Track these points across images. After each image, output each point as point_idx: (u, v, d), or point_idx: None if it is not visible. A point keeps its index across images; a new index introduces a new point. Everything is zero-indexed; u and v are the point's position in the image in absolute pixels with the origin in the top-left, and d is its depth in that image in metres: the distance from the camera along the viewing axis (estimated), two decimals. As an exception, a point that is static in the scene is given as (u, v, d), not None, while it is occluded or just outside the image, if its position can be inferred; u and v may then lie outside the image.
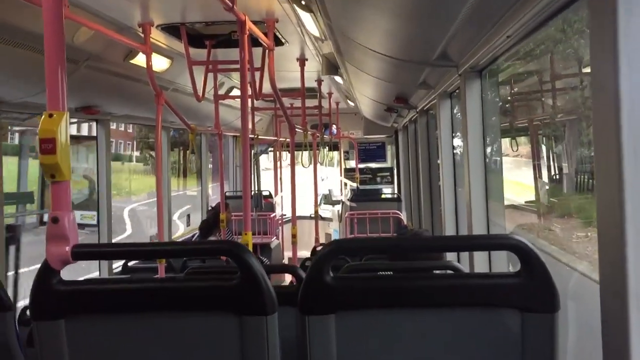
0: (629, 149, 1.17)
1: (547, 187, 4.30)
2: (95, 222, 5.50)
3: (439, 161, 5.20)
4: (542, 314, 1.40)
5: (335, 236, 10.77)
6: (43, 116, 1.44)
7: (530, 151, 4.55)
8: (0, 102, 4.05)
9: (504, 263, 3.22)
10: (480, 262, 3.11)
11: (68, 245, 1.44)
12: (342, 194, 10.83)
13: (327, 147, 9.80)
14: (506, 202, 3.55)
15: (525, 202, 4.80)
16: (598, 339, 1.37)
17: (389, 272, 2.77)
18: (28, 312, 3.30)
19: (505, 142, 4.04)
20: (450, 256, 3.91)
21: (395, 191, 10.49)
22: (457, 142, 4.35)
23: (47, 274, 1.45)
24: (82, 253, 1.44)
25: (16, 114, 5.29)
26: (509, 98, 4.47)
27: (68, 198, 1.45)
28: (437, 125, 4.29)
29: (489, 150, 3.24)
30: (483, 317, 1.44)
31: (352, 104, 8.91)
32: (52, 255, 1.43)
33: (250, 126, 9.17)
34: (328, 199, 12.52)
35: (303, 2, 3.36)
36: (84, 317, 1.47)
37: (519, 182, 4.83)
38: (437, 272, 2.69)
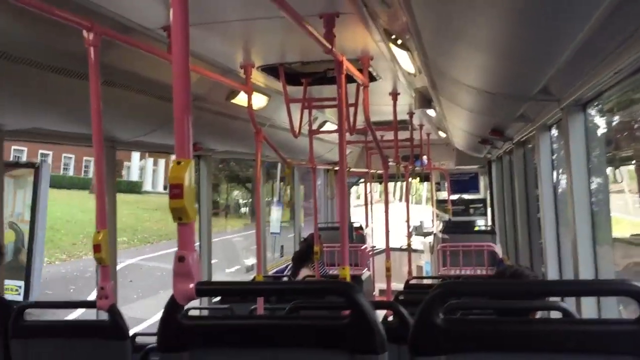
0: None
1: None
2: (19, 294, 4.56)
3: (537, 193, 5.05)
4: None
5: (426, 268, 10.61)
6: (172, 164, 1.57)
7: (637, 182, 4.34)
8: (115, 141, 4.38)
9: (613, 303, 3.07)
10: (587, 301, 2.99)
11: (192, 283, 1.54)
12: (433, 226, 10.69)
13: (417, 178, 9.75)
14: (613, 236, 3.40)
15: (632, 235, 4.55)
16: None
17: (490, 311, 2.72)
18: (137, 339, 3.49)
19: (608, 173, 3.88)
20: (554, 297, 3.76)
21: (489, 223, 10.22)
22: (557, 175, 4.23)
23: (173, 309, 1.56)
24: (205, 290, 1.54)
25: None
26: (612, 127, 4.30)
27: (193, 239, 1.57)
28: (536, 158, 4.19)
29: (593, 185, 3.13)
30: None
31: (443, 135, 8.84)
32: (179, 292, 1.54)
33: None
34: (419, 231, 12.38)
35: (399, 42, 3.43)
36: (206, 351, 1.57)
37: (622, 218, 4.60)
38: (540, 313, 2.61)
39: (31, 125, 3.53)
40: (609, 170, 3.83)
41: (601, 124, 3.54)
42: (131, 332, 2.71)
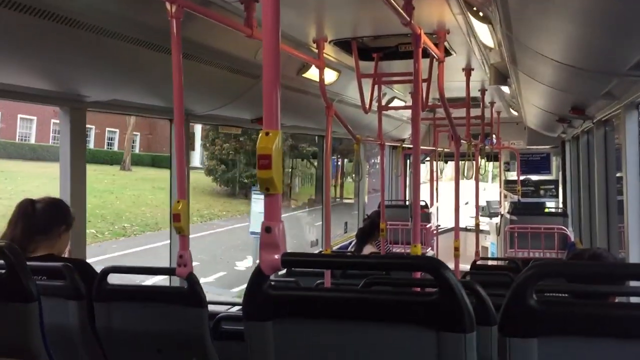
0: None
1: None
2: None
3: (618, 175, 4.82)
4: None
5: (492, 249, 10.40)
6: (260, 134, 1.57)
7: None
8: (189, 114, 4.46)
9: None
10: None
11: (278, 254, 1.55)
12: (501, 207, 10.44)
13: (486, 158, 9.51)
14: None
15: None
16: None
17: (565, 295, 2.62)
18: (209, 307, 3.57)
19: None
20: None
21: (560, 205, 9.88)
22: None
23: (259, 279, 1.57)
24: (291, 261, 1.55)
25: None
26: None
27: (279, 209, 1.57)
28: (620, 138, 3.98)
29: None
30: None
31: (515, 113, 8.57)
32: (265, 262, 1.55)
33: (406, 136, 9.21)
34: (486, 211, 12.12)
35: (481, 14, 3.31)
36: (290, 320, 1.58)
37: None
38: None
39: (113, 97, 3.63)
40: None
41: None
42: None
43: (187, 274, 2.63)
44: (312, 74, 4.62)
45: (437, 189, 9.68)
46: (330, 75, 5.12)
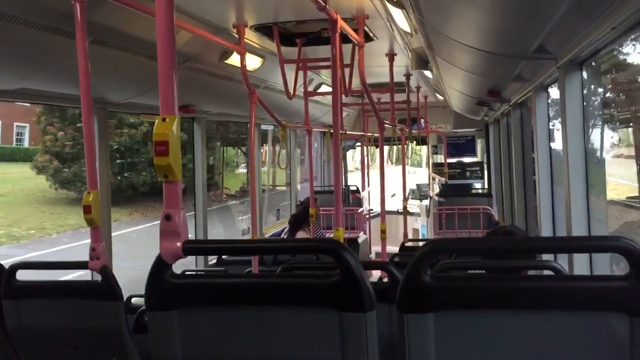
0: None
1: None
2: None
3: (533, 155, 5.03)
4: None
5: (422, 231, 10.66)
6: (157, 120, 1.54)
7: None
8: (107, 103, 4.32)
9: (606, 262, 3.08)
10: (579, 260, 3.00)
11: (179, 241, 1.53)
12: (430, 189, 10.70)
13: (415, 142, 9.70)
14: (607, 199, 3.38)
15: (627, 198, 4.54)
16: None
17: (482, 271, 2.73)
18: (132, 300, 3.50)
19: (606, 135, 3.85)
20: (546, 255, 3.78)
21: (486, 186, 10.23)
22: (554, 136, 4.20)
23: (160, 268, 1.55)
24: (192, 249, 1.53)
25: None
26: (609, 88, 4.25)
27: (179, 197, 1.55)
28: (533, 119, 4.15)
29: (589, 145, 3.10)
30: (587, 321, 1.40)
31: (440, 97, 8.77)
32: (165, 250, 1.53)
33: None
34: (416, 194, 12.40)
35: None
36: (195, 309, 1.57)
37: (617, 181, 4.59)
38: (533, 272, 2.62)
39: (19, 86, 3.47)
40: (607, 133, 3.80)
41: (599, 84, 3.49)
42: (127, 294, 2.71)
43: (100, 266, 2.56)
44: (235, 60, 4.57)
45: (368, 173, 9.81)
46: (254, 61, 5.08)
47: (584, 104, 2.97)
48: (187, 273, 2.41)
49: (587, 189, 2.96)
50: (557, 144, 3.98)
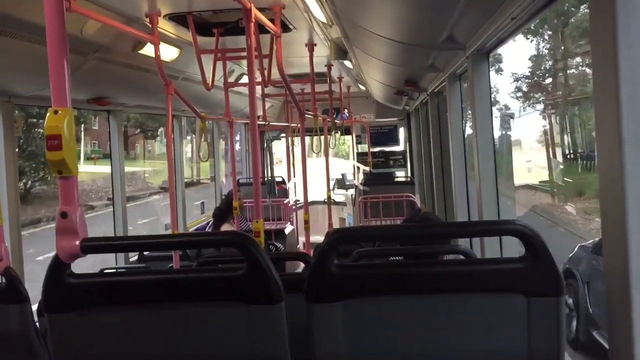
0: (630, 134, 1.17)
1: (560, 167, 4.27)
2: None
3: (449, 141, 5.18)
4: (548, 298, 1.41)
5: (349, 220, 10.79)
6: (48, 113, 1.46)
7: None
8: (12, 95, 4.09)
9: (515, 244, 3.21)
10: (491, 244, 3.11)
11: (78, 239, 1.47)
12: (355, 178, 10.83)
13: (338, 132, 9.77)
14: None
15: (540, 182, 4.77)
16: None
17: (399, 257, 2.79)
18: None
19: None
20: (463, 240, 3.90)
21: (409, 174, 10.46)
22: (468, 124, 4.33)
23: (57, 268, 1.48)
24: (92, 247, 1.47)
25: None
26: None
27: (76, 193, 1.48)
28: (447, 108, 4.27)
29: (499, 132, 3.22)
30: (490, 302, 1.45)
31: (363, 87, 8.87)
32: (62, 249, 1.46)
33: (261, 113, 9.21)
34: (341, 184, 12.52)
35: (308, -12, 3.34)
36: (95, 310, 1.50)
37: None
38: (448, 256, 2.70)
39: None
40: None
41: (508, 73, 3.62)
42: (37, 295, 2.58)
43: (4, 268, 2.42)
44: (149, 50, 4.43)
45: (294, 164, 9.81)
46: (170, 52, 4.94)
47: (490, 91, 3.08)
48: (105, 271, 2.33)
49: (496, 176, 3.07)
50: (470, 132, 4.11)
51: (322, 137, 7.02)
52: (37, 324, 2.58)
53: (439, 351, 1.45)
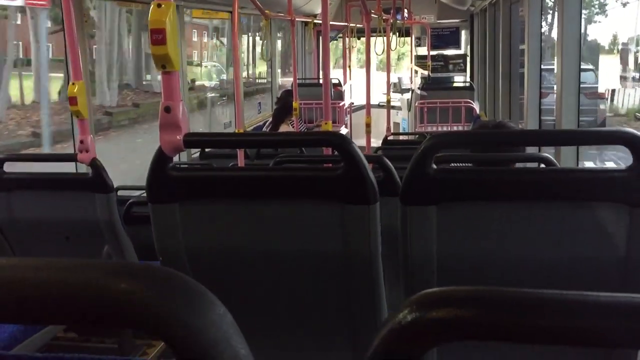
0: None
1: None
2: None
3: (522, 47, 4.95)
4: None
5: (403, 125, 10.69)
6: (152, 6, 1.45)
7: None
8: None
9: (590, 158, 3.13)
10: (566, 154, 3.04)
11: (180, 134, 1.50)
12: (412, 83, 10.59)
13: (397, 34, 9.47)
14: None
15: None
16: None
17: (470, 164, 2.76)
18: (119, 193, 3.51)
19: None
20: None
21: (468, 80, 10.16)
22: (544, 27, 4.11)
23: (161, 161, 1.53)
24: (193, 141, 1.50)
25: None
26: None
27: (178, 88, 1.49)
28: (524, 10, 4.05)
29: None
30: (587, 211, 1.43)
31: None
32: (166, 143, 1.50)
33: (319, 12, 8.95)
34: (397, 87, 12.29)
35: None
36: (196, 202, 1.56)
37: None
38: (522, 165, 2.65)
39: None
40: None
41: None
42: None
43: (90, 159, 2.53)
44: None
45: (350, 66, 9.63)
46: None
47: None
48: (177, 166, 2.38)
49: (579, 80, 2.94)
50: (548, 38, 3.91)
51: (385, 39, 6.80)
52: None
53: (533, 259, 1.46)
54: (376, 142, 7.00)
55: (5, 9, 13.11)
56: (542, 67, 4.08)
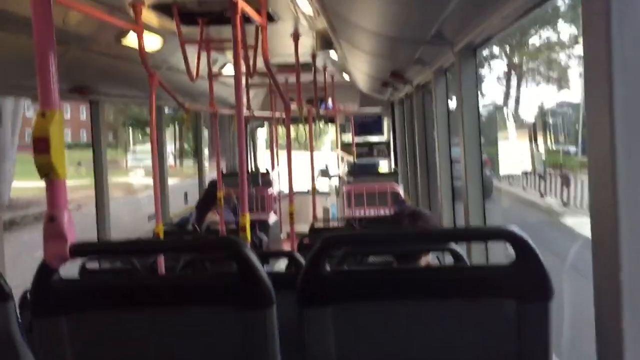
0: (623, 145, 1.17)
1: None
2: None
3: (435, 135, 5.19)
4: (537, 303, 1.42)
5: (333, 211, 10.80)
6: (36, 115, 1.43)
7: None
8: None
9: (500, 246, 3.24)
10: (475, 245, 3.13)
11: (66, 243, 1.44)
12: (339, 169, 10.82)
13: (322, 121, 9.75)
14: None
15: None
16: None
17: (387, 256, 2.79)
18: (29, 295, 3.31)
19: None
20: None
21: (392, 165, 10.48)
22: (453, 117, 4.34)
23: (45, 272, 1.45)
24: (81, 251, 1.45)
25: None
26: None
27: (64, 197, 1.45)
28: (433, 102, 4.27)
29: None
30: (480, 307, 1.46)
31: (347, 77, 8.84)
32: (50, 254, 1.43)
33: (245, 102, 9.14)
34: (325, 174, 12.51)
35: (295, -19, 3.31)
36: (84, 314, 1.49)
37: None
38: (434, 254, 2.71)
39: None
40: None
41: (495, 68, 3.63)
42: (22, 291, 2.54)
43: None
44: (132, 40, 4.36)
45: (277, 154, 9.76)
46: (153, 42, 4.87)
47: (478, 87, 3.08)
48: (89, 269, 2.30)
49: (481, 171, 3.08)
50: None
51: (307, 127, 6.99)
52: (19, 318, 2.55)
53: (429, 356, 1.46)
54: (306, 228, 7.00)
55: None
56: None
